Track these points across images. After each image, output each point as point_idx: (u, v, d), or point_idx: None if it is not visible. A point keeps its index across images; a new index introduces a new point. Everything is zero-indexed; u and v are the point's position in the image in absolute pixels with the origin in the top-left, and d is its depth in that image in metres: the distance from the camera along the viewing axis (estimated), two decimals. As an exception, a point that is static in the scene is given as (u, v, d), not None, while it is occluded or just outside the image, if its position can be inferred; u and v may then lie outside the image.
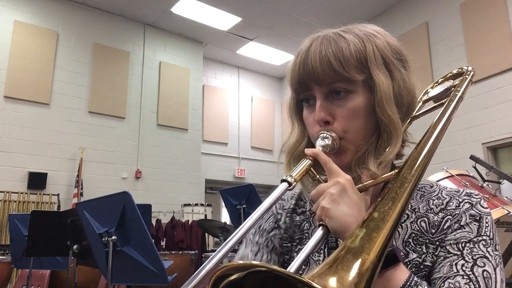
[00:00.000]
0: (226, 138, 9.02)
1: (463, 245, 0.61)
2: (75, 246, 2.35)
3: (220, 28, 7.98)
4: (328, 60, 0.66)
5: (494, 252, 0.61)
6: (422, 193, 0.73)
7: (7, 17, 6.51)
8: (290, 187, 0.58)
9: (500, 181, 2.58)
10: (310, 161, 0.62)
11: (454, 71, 0.93)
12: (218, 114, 9.01)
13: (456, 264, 0.60)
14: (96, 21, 7.39)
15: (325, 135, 0.66)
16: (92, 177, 6.81)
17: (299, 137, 0.75)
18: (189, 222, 6.82)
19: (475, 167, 2.36)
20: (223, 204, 4.45)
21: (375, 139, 0.67)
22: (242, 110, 9.44)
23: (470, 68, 0.91)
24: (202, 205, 7.59)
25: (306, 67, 0.68)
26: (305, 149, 0.63)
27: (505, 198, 2.00)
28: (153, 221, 6.44)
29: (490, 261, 0.59)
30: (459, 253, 0.61)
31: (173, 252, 4.59)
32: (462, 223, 0.64)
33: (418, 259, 0.65)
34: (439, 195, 0.71)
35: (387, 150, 0.65)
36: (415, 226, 0.68)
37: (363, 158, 0.67)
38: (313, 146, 0.74)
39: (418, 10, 6.84)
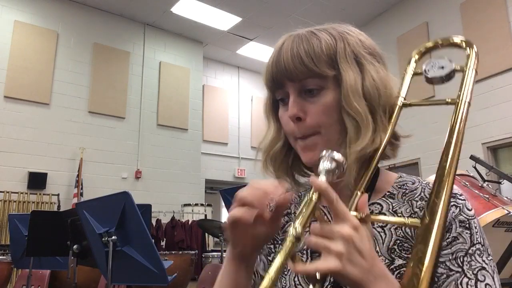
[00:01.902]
0: (226, 138, 9.03)
1: (461, 260, 0.61)
2: (75, 246, 2.35)
3: (220, 28, 7.98)
4: (300, 57, 0.67)
5: (488, 259, 0.61)
6: (403, 191, 0.71)
7: (7, 17, 6.51)
8: (300, 243, 0.50)
9: (500, 181, 2.58)
10: (314, 199, 0.52)
11: (446, 40, 0.78)
12: (218, 114, 9.02)
13: (461, 283, 0.60)
14: (96, 21, 7.40)
15: (327, 155, 0.57)
16: (92, 177, 6.81)
17: (275, 135, 0.75)
18: (189, 222, 6.83)
19: (475, 167, 2.35)
20: (223, 204, 4.45)
21: (346, 134, 0.67)
22: (242, 110, 9.44)
23: (464, 42, 0.76)
24: (202, 205, 7.60)
25: (278, 64, 0.69)
26: (311, 180, 0.52)
27: (505, 198, 2.00)
28: (153, 221, 6.45)
29: (488, 271, 0.60)
30: (460, 269, 0.60)
31: (173, 252, 4.59)
32: (454, 234, 0.62)
33: (405, 266, 0.63)
34: (422, 194, 0.69)
35: (356, 143, 0.65)
36: (400, 232, 0.66)
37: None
38: (289, 145, 0.74)
39: (418, 10, 6.84)
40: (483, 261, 0.61)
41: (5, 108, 6.29)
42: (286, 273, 0.73)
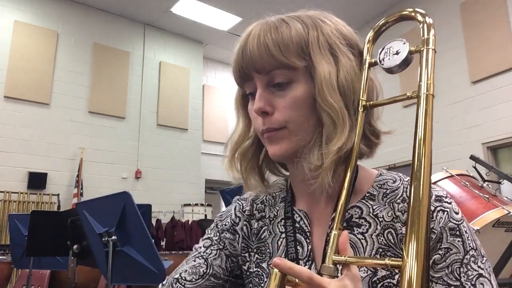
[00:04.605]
0: (226, 138, 9.01)
1: (458, 272, 0.58)
2: (75, 246, 2.35)
3: (220, 28, 7.98)
4: (266, 46, 0.62)
5: (483, 262, 0.59)
6: (384, 191, 0.66)
7: (7, 17, 6.51)
8: None
9: (500, 181, 2.58)
10: (279, 273, 0.49)
11: (392, 17, 0.66)
12: (218, 114, 9.02)
13: None
14: (96, 21, 7.40)
15: None
16: (92, 177, 6.81)
17: (243, 132, 0.72)
18: (189, 222, 6.83)
19: (475, 167, 2.35)
20: (223, 204, 4.45)
21: (320, 132, 0.62)
22: (242, 110, 9.44)
23: (418, 14, 0.65)
24: (202, 205, 7.60)
25: (244, 54, 0.65)
26: (273, 263, 0.49)
27: (505, 198, 2.00)
28: (153, 221, 6.45)
29: (485, 277, 0.58)
30: (458, 283, 0.57)
31: (173, 252, 4.60)
32: (446, 245, 0.59)
33: (390, 280, 0.60)
34: (404, 195, 0.64)
35: (332, 141, 0.60)
36: (382, 240, 0.62)
37: (306, 151, 0.62)
38: (259, 142, 0.69)
39: (418, 10, 6.83)
40: (479, 267, 0.58)
41: (5, 108, 6.29)
42: None
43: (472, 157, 2.43)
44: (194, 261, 0.75)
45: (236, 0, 7.06)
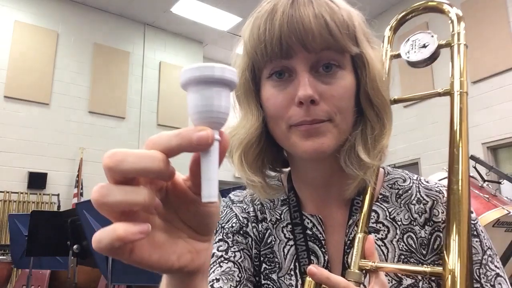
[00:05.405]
0: (226, 138, 9.02)
1: (478, 273, 0.55)
2: (75, 246, 2.36)
3: (220, 28, 7.98)
4: (325, 20, 0.52)
5: (497, 261, 0.58)
6: (396, 191, 0.62)
7: (7, 17, 6.51)
8: None
9: (500, 181, 2.58)
10: (314, 282, 0.47)
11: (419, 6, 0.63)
12: (218, 114, 9.03)
13: None
14: (96, 21, 7.40)
15: None
16: (92, 177, 6.81)
17: (256, 125, 0.60)
18: (189, 222, 6.82)
19: (475, 167, 2.35)
20: (223, 204, 4.45)
21: (363, 127, 0.56)
22: (242, 110, 9.44)
23: (446, 5, 0.60)
24: (202, 205, 7.59)
25: (294, 25, 0.52)
26: (309, 270, 0.46)
27: (505, 198, 2.00)
28: (153, 221, 6.44)
29: (501, 276, 0.56)
30: (478, 285, 0.55)
31: (173, 252, 4.58)
32: None
33: (415, 286, 0.56)
34: (418, 196, 0.61)
35: (382, 139, 0.55)
36: (403, 245, 0.58)
37: (349, 147, 0.56)
38: (267, 136, 0.59)
39: (418, 10, 6.83)
40: (495, 266, 0.57)
41: (5, 108, 6.28)
42: None
43: (472, 157, 2.43)
44: (220, 266, 0.61)
45: (236, 0, 7.06)
